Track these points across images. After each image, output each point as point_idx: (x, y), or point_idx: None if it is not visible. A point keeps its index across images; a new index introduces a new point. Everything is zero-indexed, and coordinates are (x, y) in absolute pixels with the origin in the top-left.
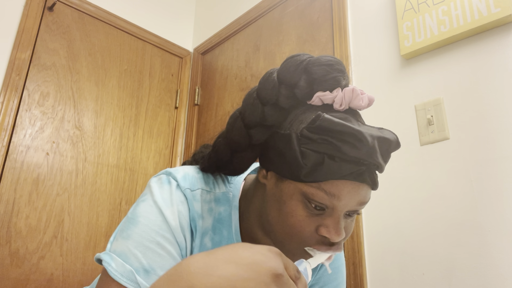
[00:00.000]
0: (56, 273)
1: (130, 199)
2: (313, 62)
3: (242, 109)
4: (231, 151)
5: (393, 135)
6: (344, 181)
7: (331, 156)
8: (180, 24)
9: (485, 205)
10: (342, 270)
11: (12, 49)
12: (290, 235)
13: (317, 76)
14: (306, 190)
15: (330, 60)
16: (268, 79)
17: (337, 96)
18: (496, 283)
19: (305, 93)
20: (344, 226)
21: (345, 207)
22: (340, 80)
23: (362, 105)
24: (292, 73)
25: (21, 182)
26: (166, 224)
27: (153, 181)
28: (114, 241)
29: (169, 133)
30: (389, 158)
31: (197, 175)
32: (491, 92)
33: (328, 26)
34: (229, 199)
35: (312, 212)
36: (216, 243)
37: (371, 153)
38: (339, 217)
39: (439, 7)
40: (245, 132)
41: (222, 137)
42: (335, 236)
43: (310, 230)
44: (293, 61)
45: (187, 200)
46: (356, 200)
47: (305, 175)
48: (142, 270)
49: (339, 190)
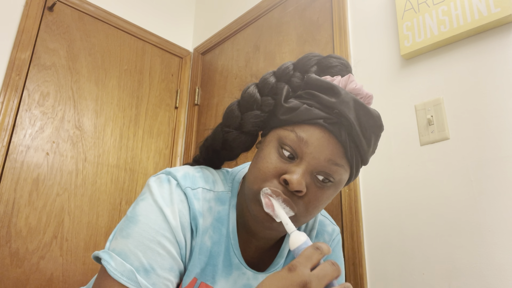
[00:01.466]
0: (56, 273)
1: (130, 199)
2: (324, 57)
3: (259, 82)
4: (240, 112)
5: (375, 111)
6: (315, 127)
7: (310, 104)
8: (180, 24)
9: (485, 205)
10: (340, 255)
11: (12, 49)
12: (256, 177)
13: (324, 65)
14: (281, 133)
15: (340, 56)
16: (285, 65)
17: (335, 80)
18: (496, 283)
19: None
20: (309, 185)
21: (312, 157)
22: (342, 70)
23: (356, 88)
24: (305, 63)
25: (21, 182)
26: (167, 223)
27: (152, 180)
28: (113, 239)
29: (169, 133)
30: (369, 134)
31: (197, 174)
32: (491, 92)
33: (328, 26)
34: (228, 198)
35: (282, 158)
36: (215, 241)
37: (343, 104)
38: (305, 168)
39: (439, 7)
40: (258, 96)
41: (220, 125)
42: (294, 181)
43: (274, 174)
44: (308, 55)
45: (188, 199)
46: (324, 153)
47: (282, 113)
48: (142, 269)
49: (309, 135)
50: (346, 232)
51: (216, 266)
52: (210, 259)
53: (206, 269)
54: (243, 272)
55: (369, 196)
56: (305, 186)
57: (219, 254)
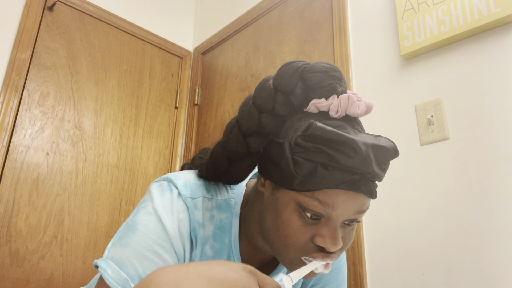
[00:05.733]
0: (56, 273)
1: (130, 199)
2: (309, 69)
3: (239, 117)
4: (228, 160)
5: (390, 143)
6: (338, 190)
7: (324, 164)
8: (180, 24)
9: (485, 205)
10: (343, 270)
11: (12, 49)
12: (286, 244)
13: (312, 83)
14: (300, 199)
15: (326, 67)
16: (264, 87)
17: (332, 104)
18: (496, 283)
19: (301, 100)
20: (342, 235)
21: (340, 217)
22: (335, 87)
23: (358, 112)
24: (287, 80)
25: (21, 182)
26: (165, 233)
27: (154, 187)
28: (112, 247)
29: (169, 133)
30: (387, 166)
31: (198, 182)
32: (491, 92)
33: (328, 26)
34: (231, 206)
35: (307, 221)
36: (217, 250)
37: (365, 161)
38: (335, 227)
39: (439, 7)
40: (242, 140)
41: (219, 146)
42: (330, 246)
43: (305, 239)
44: (288, 68)
45: (188, 209)
46: (352, 209)
47: (298, 184)
48: (138, 278)
49: (333, 200)
50: None
51: None
52: None
53: None
54: None
55: None
56: (341, 242)
57: None
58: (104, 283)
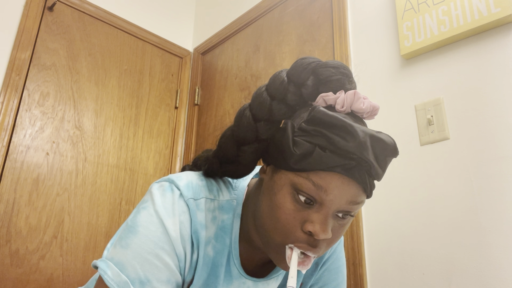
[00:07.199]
0: (56, 273)
1: (130, 199)
2: (322, 65)
3: (252, 102)
4: (237, 145)
5: (390, 139)
6: (332, 174)
7: (322, 147)
8: (180, 24)
9: (485, 205)
10: (343, 270)
11: (12, 49)
12: (275, 228)
13: (323, 77)
14: (295, 180)
15: (337, 64)
16: (278, 76)
17: (339, 98)
18: (496, 283)
19: (310, 93)
20: (333, 227)
21: (333, 203)
22: (344, 83)
23: (363, 108)
24: (300, 72)
25: (21, 182)
26: (166, 235)
27: (155, 187)
28: (112, 248)
29: (169, 133)
30: (385, 163)
31: (201, 183)
32: (491, 92)
33: (328, 26)
34: (233, 207)
35: (300, 205)
36: (218, 251)
37: (361, 147)
38: (327, 214)
39: (439, 7)
40: (253, 124)
41: (229, 129)
42: (319, 231)
43: (295, 225)
44: (303, 62)
45: (190, 211)
46: (345, 198)
47: (294, 162)
48: (138, 281)
49: (327, 183)
50: (346, 232)
51: (218, 277)
52: (213, 270)
53: (209, 280)
54: (243, 281)
55: None
56: (330, 233)
57: (222, 265)
58: (104, 284)
